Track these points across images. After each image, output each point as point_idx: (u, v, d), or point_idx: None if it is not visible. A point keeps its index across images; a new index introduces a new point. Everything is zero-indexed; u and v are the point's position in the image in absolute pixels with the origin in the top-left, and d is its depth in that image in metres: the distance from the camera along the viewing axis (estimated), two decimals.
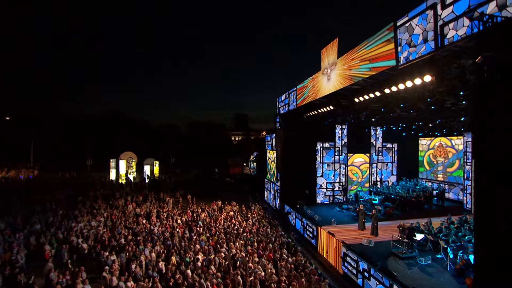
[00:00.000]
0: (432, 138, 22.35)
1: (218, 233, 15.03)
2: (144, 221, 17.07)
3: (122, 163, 34.34)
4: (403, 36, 8.96)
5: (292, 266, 11.34)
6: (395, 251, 11.52)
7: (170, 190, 26.43)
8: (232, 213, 19.46)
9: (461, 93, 9.77)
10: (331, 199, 21.88)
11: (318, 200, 21.64)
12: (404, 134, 22.23)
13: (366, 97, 12.58)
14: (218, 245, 13.38)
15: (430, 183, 21.53)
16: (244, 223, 17.15)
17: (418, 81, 9.45)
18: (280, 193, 21.84)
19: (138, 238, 13.75)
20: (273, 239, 14.56)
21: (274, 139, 24.36)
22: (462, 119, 14.49)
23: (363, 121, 18.73)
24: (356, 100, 13.40)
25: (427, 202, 17.48)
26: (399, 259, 11.03)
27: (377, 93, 11.89)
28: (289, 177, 20.89)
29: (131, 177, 34.24)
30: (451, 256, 10.13)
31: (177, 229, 15.38)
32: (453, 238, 11.00)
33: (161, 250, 12.70)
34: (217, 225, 16.67)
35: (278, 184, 22.33)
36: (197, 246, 13.14)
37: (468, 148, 18.70)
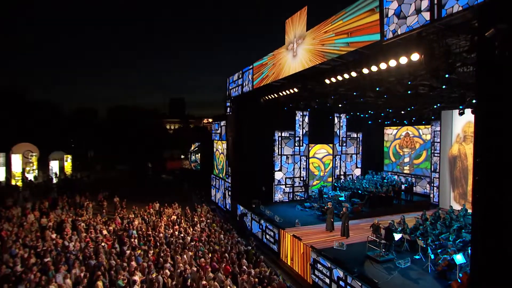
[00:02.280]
0: (399, 127, 23.97)
1: (159, 245, 13.91)
2: (53, 236, 14.93)
3: (17, 158, 29.93)
4: (391, 6, 8.85)
5: (256, 280, 10.88)
6: (371, 254, 11.82)
7: (89, 192, 23.96)
8: (174, 217, 18.44)
9: (447, 75, 10.09)
10: (291, 196, 22.13)
11: (277, 198, 21.81)
12: (370, 122, 23.31)
13: (340, 78, 12.51)
14: (161, 260, 12.28)
15: (396, 176, 23.09)
16: (191, 230, 16.34)
17: (404, 60, 9.53)
18: (232, 191, 21.48)
19: (46, 260, 11.79)
20: (228, 247, 13.99)
21: (223, 128, 23.67)
22: (435, 106, 15.52)
23: (329, 106, 19.06)
24: (327, 81, 13.32)
25: (396, 197, 18.57)
26: (376, 263, 11.34)
27: (353, 74, 11.85)
28: (243, 172, 20.64)
29: (30, 176, 30.24)
30: (432, 257, 10.70)
31: (103, 243, 13.78)
32: (432, 237, 11.66)
33: (82, 274, 11.06)
34: (157, 234, 15.48)
35: (229, 180, 21.94)
36: (133, 263, 11.85)
37: (436, 138, 20.37)
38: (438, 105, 15.20)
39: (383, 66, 10.38)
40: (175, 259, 12.17)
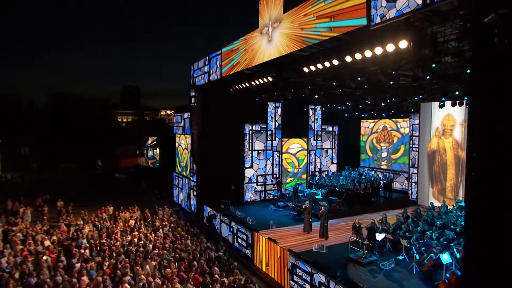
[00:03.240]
0: (376, 120, 24.72)
1: (115, 255, 13.26)
2: None
3: None
4: None
5: None
6: (353, 257, 12.04)
7: (24, 195, 22.47)
8: (132, 222, 17.80)
9: (433, 65, 10.41)
10: (263, 195, 22.16)
11: (248, 198, 21.79)
12: (346, 115, 23.83)
13: (320, 66, 12.54)
14: (119, 273, 11.71)
15: (373, 172, 23.86)
16: (153, 236, 15.89)
17: (391, 48, 9.66)
18: (198, 190, 21.24)
19: None
20: (197, 254, 13.70)
21: (187, 120, 23.28)
22: (416, 98, 16.11)
23: (303, 97, 19.20)
24: (306, 70, 13.31)
25: (375, 194, 19.16)
26: (359, 266, 11.56)
27: (335, 61, 11.90)
28: (209, 170, 20.42)
29: None
30: (417, 257, 11.08)
31: (45, 256, 12.84)
32: (416, 236, 12.09)
33: None
34: (113, 242, 14.76)
35: (194, 179, 21.67)
36: (84, 278, 11.16)
37: (414, 131, 21.24)
38: (420, 96, 15.78)
39: (368, 53, 10.48)
40: (135, 271, 11.67)
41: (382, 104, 17.83)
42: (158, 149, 44.03)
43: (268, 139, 22.48)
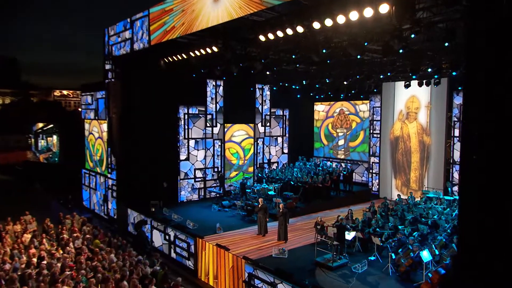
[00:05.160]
0: (332, 102, 25.53)
1: (4, 283, 11.96)
2: None
3: None
4: None
5: None
6: (320, 260, 12.29)
7: None
8: (27, 236, 16.46)
9: (412, 35, 10.92)
10: (203, 193, 22.07)
11: (184, 197, 21.60)
12: (298, 96, 24.27)
13: (281, 34, 12.49)
14: None
15: (331, 163, 24.69)
16: (60, 252, 14.67)
17: (369, 12, 9.89)
18: (118, 191, 20.45)
19: None
20: (127, 271, 12.97)
21: (101, 101, 22.23)
22: (382, 76, 16.92)
23: (249, 75, 19.17)
24: (263, 38, 13.18)
25: (334, 187, 19.88)
26: (329, 271, 11.83)
27: (300, 29, 11.90)
28: (134, 164, 19.74)
29: None
30: (393, 256, 11.59)
31: None
32: (388, 232, 12.70)
33: None
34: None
35: (114, 176, 20.81)
36: None
37: (375, 115, 22.35)
38: (389, 74, 16.58)
39: (341, 19, 10.63)
40: None
41: (345, 82, 18.41)
42: (55, 139, 41.39)
43: (208, 124, 22.24)
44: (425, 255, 10.74)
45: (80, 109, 40.34)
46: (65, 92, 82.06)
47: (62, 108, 66.38)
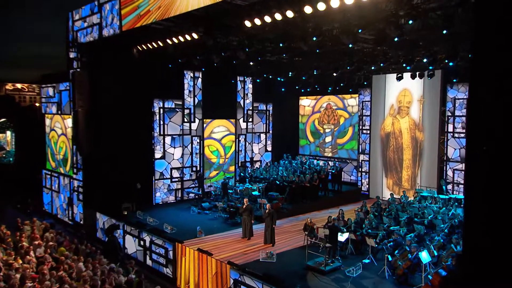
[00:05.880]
0: (318, 96, 25.56)
1: None
2: None
3: None
4: None
5: None
6: (312, 264, 12.24)
7: None
8: None
9: (410, 21, 10.95)
10: (180, 194, 21.99)
11: (159, 199, 21.52)
12: (283, 90, 24.21)
13: (269, 19, 12.34)
14: None
15: (316, 161, 24.73)
16: (19, 262, 14.20)
17: None
18: (85, 193, 20.23)
19: None
20: (98, 281, 12.67)
21: (65, 94, 21.87)
22: (373, 68, 17.00)
23: (232, 66, 19.03)
24: (249, 24, 13.00)
25: (322, 187, 19.91)
26: (321, 275, 11.77)
27: (289, 13, 11.78)
28: (102, 162, 19.51)
29: None
30: (390, 258, 11.62)
31: None
32: (383, 233, 12.71)
33: None
34: None
35: (80, 177, 20.56)
36: None
37: (365, 110, 22.46)
38: (382, 65, 16.61)
39: (335, 3, 10.53)
40: None
41: (335, 74, 18.38)
42: (8, 136, 40.51)
43: (186, 120, 22.15)
44: (424, 256, 10.78)
45: (37, 104, 39.26)
46: (18, 85, 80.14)
47: (16, 104, 64.99)
